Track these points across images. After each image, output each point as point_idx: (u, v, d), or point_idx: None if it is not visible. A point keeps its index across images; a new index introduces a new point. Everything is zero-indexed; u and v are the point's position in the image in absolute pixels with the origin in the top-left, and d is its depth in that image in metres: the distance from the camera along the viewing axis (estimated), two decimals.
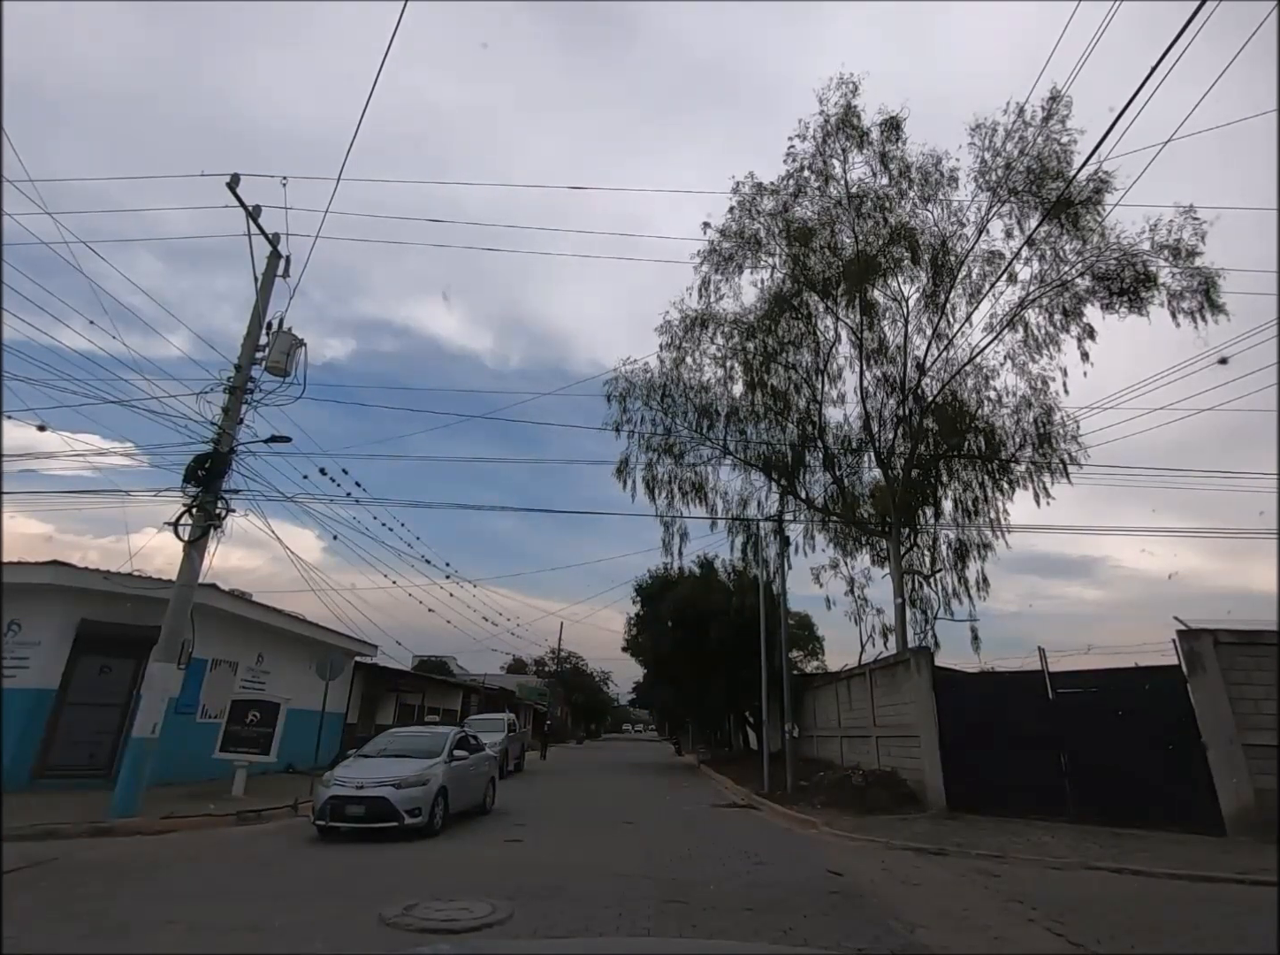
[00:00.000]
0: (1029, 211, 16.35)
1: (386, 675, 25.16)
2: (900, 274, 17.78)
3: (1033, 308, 16.93)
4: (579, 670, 63.82)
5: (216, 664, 14.52)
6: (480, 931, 4.97)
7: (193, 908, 5.58)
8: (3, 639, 11.66)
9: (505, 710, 27.19)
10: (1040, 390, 17.23)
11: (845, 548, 20.06)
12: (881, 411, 18.31)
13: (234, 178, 11.02)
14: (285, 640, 17.03)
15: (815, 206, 17.79)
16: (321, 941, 4.79)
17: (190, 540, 10.22)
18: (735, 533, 20.51)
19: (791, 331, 18.49)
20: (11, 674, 11.45)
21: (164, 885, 6.36)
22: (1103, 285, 16.09)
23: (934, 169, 17.14)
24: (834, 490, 19.47)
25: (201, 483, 10.37)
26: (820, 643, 30.65)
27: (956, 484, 18.53)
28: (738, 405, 18.97)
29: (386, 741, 11.02)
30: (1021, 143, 16.15)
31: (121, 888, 6.18)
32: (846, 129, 17.23)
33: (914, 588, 18.58)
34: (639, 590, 27.63)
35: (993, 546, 18.37)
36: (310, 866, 7.41)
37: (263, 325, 11.44)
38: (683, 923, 5.22)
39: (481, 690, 36.97)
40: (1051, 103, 15.63)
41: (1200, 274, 15.27)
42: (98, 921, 5.08)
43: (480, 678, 41.37)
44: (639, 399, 19.25)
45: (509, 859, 7.97)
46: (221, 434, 10.74)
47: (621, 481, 19.50)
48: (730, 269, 18.66)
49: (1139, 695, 10.17)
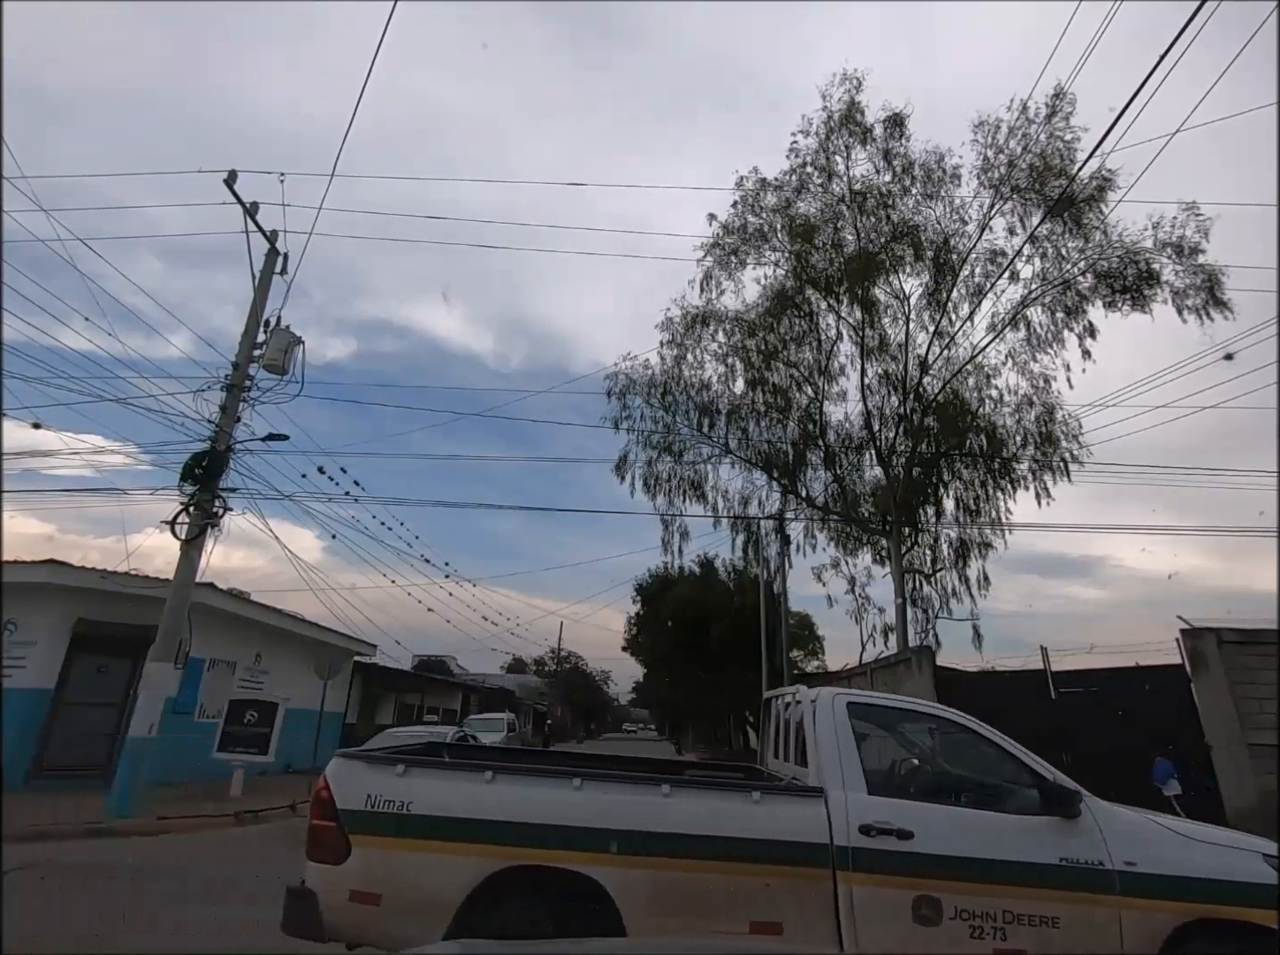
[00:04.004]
0: (1031, 209, 16.27)
1: (386, 675, 25.12)
2: (902, 271, 17.72)
3: (1035, 306, 16.87)
4: (579, 670, 63.82)
5: (214, 663, 14.45)
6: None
7: (190, 909, 5.52)
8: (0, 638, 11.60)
9: (505, 710, 27.15)
10: (1042, 389, 17.16)
11: (846, 546, 19.96)
12: (883, 409, 18.24)
13: (231, 174, 10.96)
14: (284, 640, 16.96)
15: (818, 203, 17.74)
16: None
17: (187, 539, 10.16)
18: (736, 531, 20.50)
19: (793, 329, 18.43)
20: (8, 674, 11.36)
21: (161, 886, 6.29)
22: (1105, 283, 16.02)
23: (937, 166, 17.07)
24: (835, 489, 19.40)
25: (199, 481, 10.30)
26: (821, 642, 30.68)
27: (958, 483, 18.45)
28: (739, 403, 18.90)
29: (385, 741, 10.95)
30: (1025, 140, 16.09)
31: (118, 888, 6.12)
32: (850, 125, 17.17)
33: (915, 587, 18.49)
34: (639, 590, 27.65)
35: (993, 545, 18.31)
36: None
37: (260, 323, 11.37)
38: None
39: (481, 690, 36.94)
40: (1055, 99, 15.56)
41: (1204, 271, 15.19)
42: (95, 922, 5.02)
43: (480, 677, 41.36)
44: (639, 395, 19.21)
45: None
46: (219, 432, 10.67)
47: (621, 478, 19.47)
48: (733, 264, 18.63)
49: (1141, 695, 10.10)
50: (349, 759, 3.68)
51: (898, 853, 3.33)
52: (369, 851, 3.34)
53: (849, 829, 3.36)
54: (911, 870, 3.31)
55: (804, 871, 3.28)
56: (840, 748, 3.71)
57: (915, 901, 3.26)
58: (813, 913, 3.24)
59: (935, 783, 3.96)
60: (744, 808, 3.42)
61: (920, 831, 3.37)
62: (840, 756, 3.68)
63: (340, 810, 3.39)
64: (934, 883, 3.28)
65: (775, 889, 3.24)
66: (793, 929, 3.22)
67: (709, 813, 3.41)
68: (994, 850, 3.35)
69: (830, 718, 3.83)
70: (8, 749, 10.81)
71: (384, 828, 3.36)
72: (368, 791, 3.43)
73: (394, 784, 3.46)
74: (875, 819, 3.40)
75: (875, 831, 3.36)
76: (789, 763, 4.48)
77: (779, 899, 3.24)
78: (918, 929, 3.22)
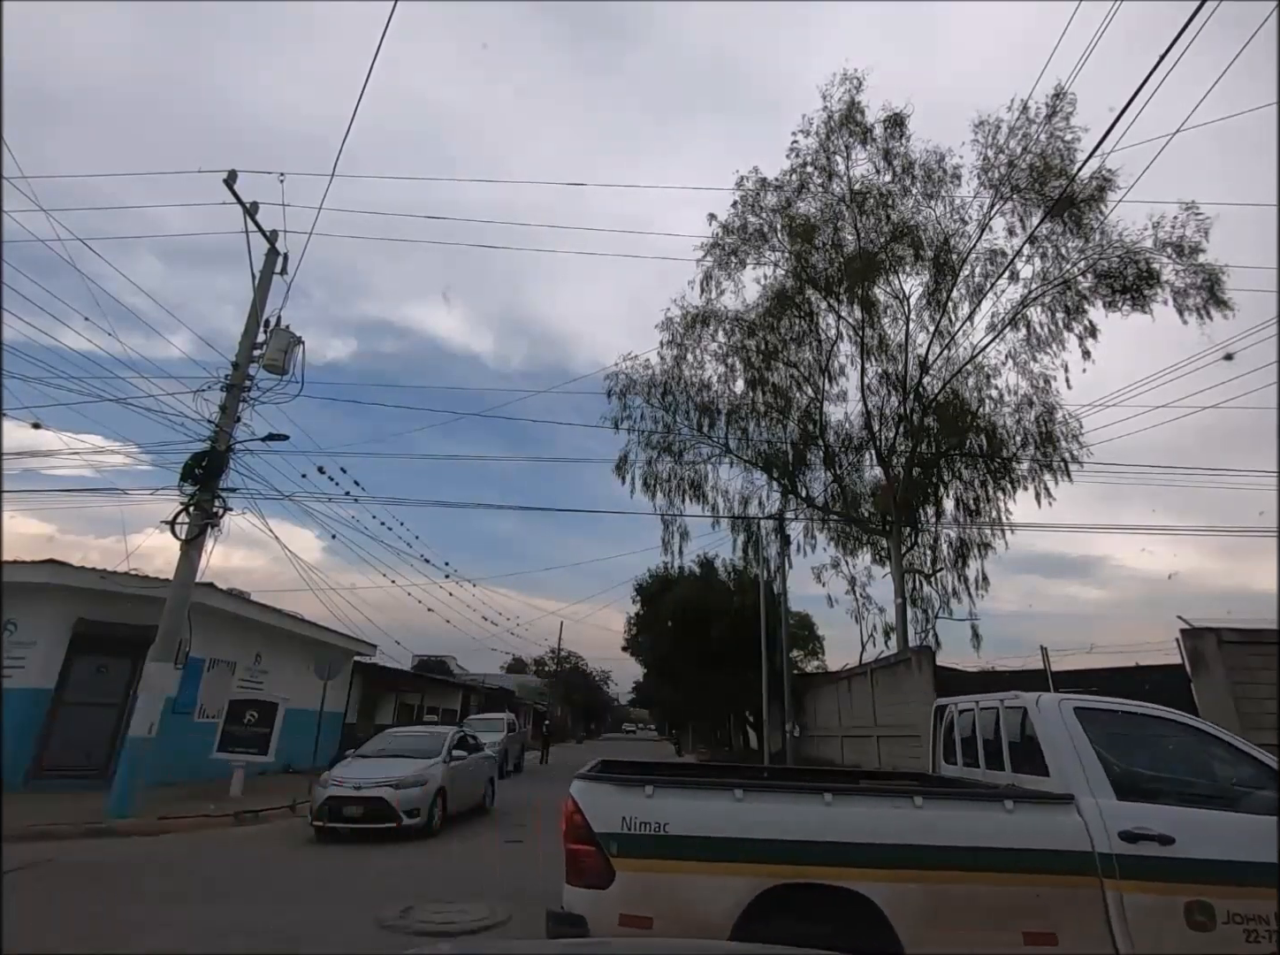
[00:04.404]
0: (1032, 209, 16.28)
1: (386, 675, 25.08)
2: (902, 271, 17.74)
3: (1035, 306, 16.88)
4: (579, 670, 63.80)
5: (214, 663, 14.45)
6: (478, 934, 4.91)
7: (189, 909, 5.52)
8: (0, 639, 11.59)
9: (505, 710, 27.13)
10: (1042, 389, 17.19)
11: (846, 547, 19.98)
12: (883, 409, 18.26)
13: (231, 174, 10.95)
14: (284, 640, 16.95)
15: (818, 203, 17.76)
16: (318, 945, 4.73)
17: (187, 539, 10.15)
18: (736, 531, 20.50)
19: (793, 329, 18.45)
20: (8, 674, 11.35)
21: (161, 886, 6.29)
22: (1105, 283, 16.02)
23: (937, 166, 17.10)
24: (835, 489, 19.41)
25: (199, 481, 10.30)
26: (821, 642, 30.63)
27: (957, 483, 18.46)
28: (739, 403, 18.92)
29: (385, 741, 10.95)
30: (1025, 140, 16.10)
31: (118, 889, 6.12)
32: (850, 125, 17.19)
33: (915, 587, 18.50)
34: (639, 590, 27.61)
35: (993, 546, 18.33)
36: (308, 868, 7.35)
37: (260, 323, 11.36)
38: None
39: (481, 690, 36.91)
40: (1055, 99, 15.58)
41: (1204, 271, 15.20)
42: (95, 922, 5.03)
43: (480, 677, 41.31)
44: (639, 395, 19.24)
45: (508, 860, 7.92)
46: (219, 432, 10.67)
47: (621, 478, 19.49)
48: (733, 265, 18.65)
49: (1141, 695, 10.09)
50: (595, 781, 3.60)
51: (1163, 858, 3.32)
52: (634, 875, 3.32)
53: (1109, 836, 3.36)
54: (1180, 875, 3.29)
55: (1070, 880, 3.29)
56: (1079, 753, 3.72)
57: (1188, 907, 3.25)
58: (1085, 921, 3.24)
59: (1176, 787, 3.90)
60: (1000, 817, 3.42)
61: (1179, 836, 3.36)
62: (1081, 762, 3.67)
63: (598, 834, 3.36)
64: (1204, 887, 3.27)
65: (1046, 899, 3.25)
66: (1067, 938, 3.22)
67: (967, 823, 3.42)
68: (1254, 853, 3.33)
69: (1060, 723, 3.85)
70: (8, 749, 10.81)
71: (646, 850, 3.34)
72: (622, 814, 3.40)
73: (646, 805, 3.43)
74: (1133, 825, 3.38)
75: (1136, 837, 3.36)
76: (978, 768, 4.69)
77: (1051, 909, 3.25)
78: (1192, 934, 3.21)
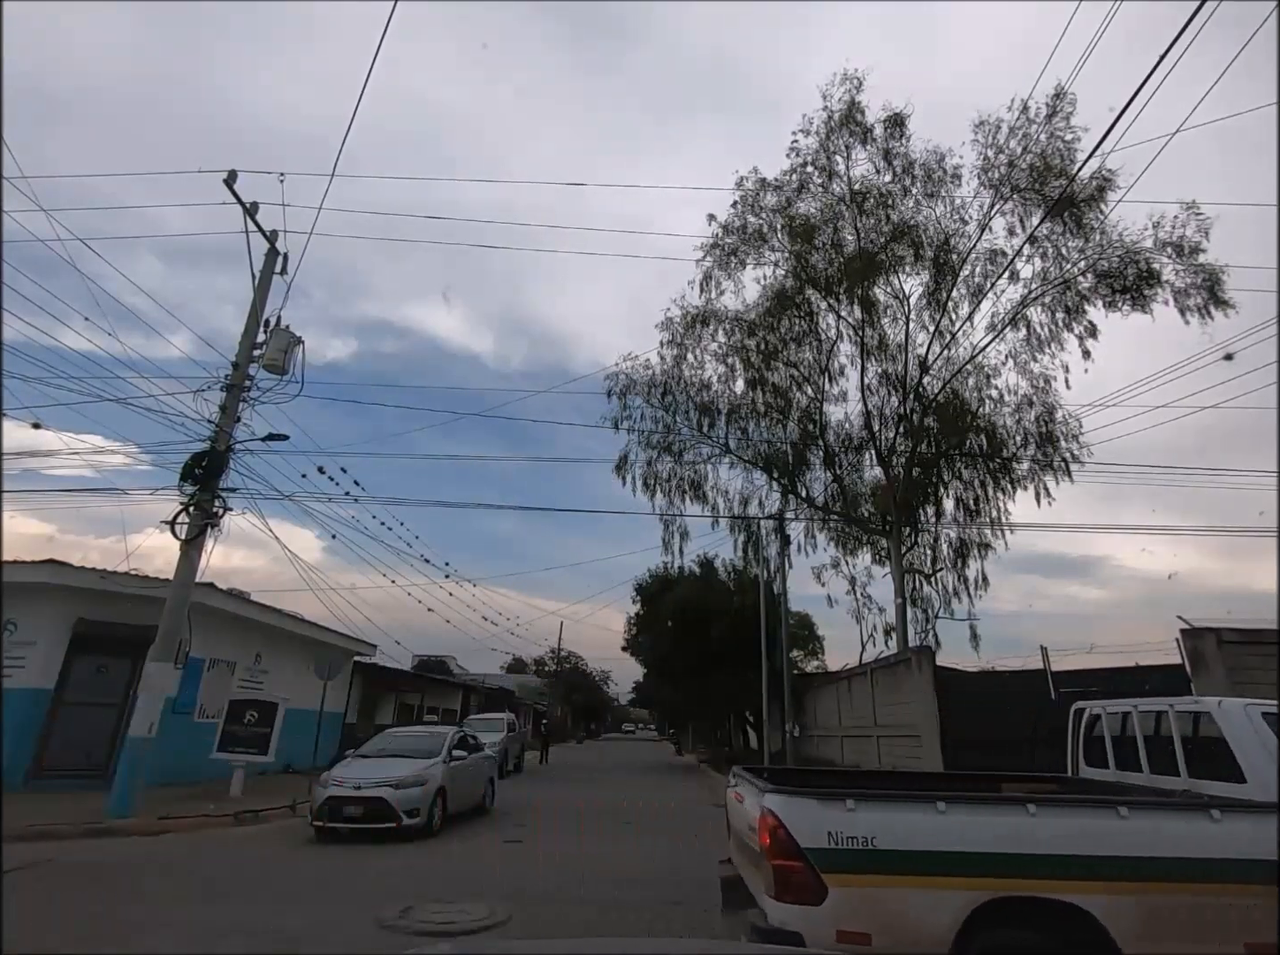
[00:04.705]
0: (1032, 209, 16.28)
1: (385, 675, 25.08)
2: (902, 271, 17.75)
3: (1035, 306, 16.88)
4: (579, 670, 63.78)
5: (214, 663, 14.45)
6: (478, 934, 4.91)
7: (189, 909, 5.52)
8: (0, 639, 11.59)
9: (505, 710, 27.12)
10: (1042, 389, 17.19)
11: (846, 546, 20.00)
12: (883, 409, 18.26)
13: (231, 174, 10.95)
14: (284, 640, 16.95)
15: (818, 203, 17.76)
16: (318, 945, 4.72)
17: (187, 539, 10.15)
18: (736, 531, 20.51)
19: (793, 329, 18.45)
20: (8, 674, 11.35)
21: (160, 886, 6.30)
22: (1105, 283, 16.03)
23: (937, 166, 17.10)
24: (835, 489, 19.42)
25: (199, 481, 10.30)
26: (821, 642, 30.59)
27: (957, 483, 18.47)
28: (739, 403, 18.93)
29: (385, 741, 10.95)
30: (1025, 140, 16.10)
31: (118, 889, 6.12)
32: (850, 125, 17.19)
33: (915, 587, 18.51)
34: (639, 590, 27.58)
35: (993, 546, 18.33)
36: (308, 868, 7.35)
37: (260, 323, 11.36)
38: (682, 923, 5.16)
39: (481, 690, 36.91)
40: (1055, 99, 15.57)
41: (1204, 270, 15.21)
42: (95, 922, 5.02)
43: (480, 677, 41.31)
44: (639, 395, 19.24)
45: (508, 860, 7.92)
46: (219, 432, 10.67)
47: (621, 478, 19.50)
48: (733, 265, 18.65)
49: (1142, 695, 10.09)
50: (796, 796, 3.54)
51: None
52: (849, 890, 3.28)
53: None
54: None
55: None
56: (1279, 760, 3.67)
57: None
58: None
59: None
60: (1208, 827, 3.36)
61: None
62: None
63: (805, 849, 3.33)
64: None
65: (1270, 910, 3.17)
66: None
67: (1175, 832, 3.36)
68: None
69: (1251, 728, 3.80)
70: (8, 749, 10.81)
71: (859, 865, 3.31)
72: (827, 829, 3.36)
73: (850, 819, 3.38)
74: None
75: None
76: (1139, 773, 4.84)
77: (1269, 920, 3.17)
78: None
